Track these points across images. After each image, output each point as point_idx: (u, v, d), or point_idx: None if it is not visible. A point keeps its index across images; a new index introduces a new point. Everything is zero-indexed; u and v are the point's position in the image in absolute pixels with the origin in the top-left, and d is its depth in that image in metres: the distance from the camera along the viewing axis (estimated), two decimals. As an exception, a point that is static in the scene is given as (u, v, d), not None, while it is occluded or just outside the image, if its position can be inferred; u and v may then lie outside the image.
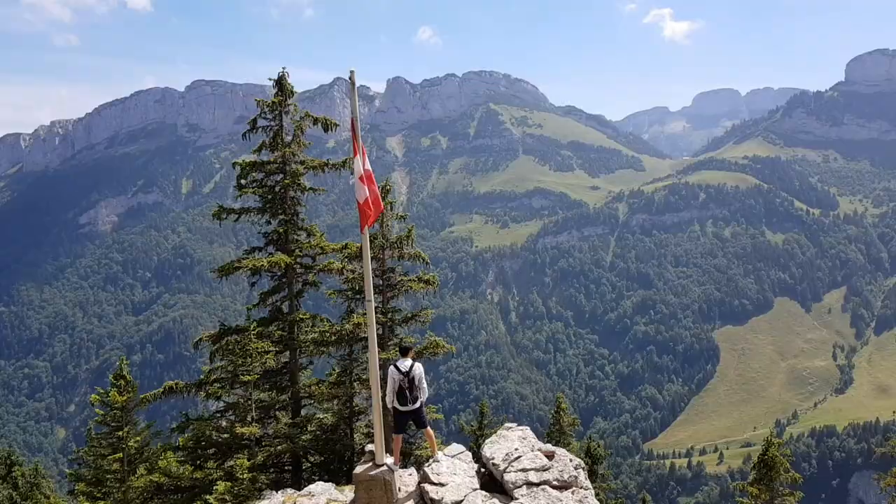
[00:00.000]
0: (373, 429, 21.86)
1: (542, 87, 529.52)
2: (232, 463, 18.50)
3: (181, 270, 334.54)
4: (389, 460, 13.09)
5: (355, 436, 21.86)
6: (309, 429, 21.06)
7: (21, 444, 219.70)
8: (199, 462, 20.27)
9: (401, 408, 13.23)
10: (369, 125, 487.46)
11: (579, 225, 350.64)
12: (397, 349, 14.61)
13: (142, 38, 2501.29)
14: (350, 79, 13.24)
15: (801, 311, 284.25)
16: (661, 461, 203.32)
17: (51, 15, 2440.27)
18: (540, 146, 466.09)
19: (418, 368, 13.24)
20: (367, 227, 12.99)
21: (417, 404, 13.28)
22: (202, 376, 21.36)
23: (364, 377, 21.72)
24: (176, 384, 21.03)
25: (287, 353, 22.16)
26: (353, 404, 21.96)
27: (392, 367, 13.20)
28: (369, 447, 13.50)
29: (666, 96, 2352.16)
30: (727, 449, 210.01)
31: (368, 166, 12.77)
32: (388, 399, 13.27)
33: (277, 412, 21.95)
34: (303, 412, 22.16)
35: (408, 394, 13.08)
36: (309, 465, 22.00)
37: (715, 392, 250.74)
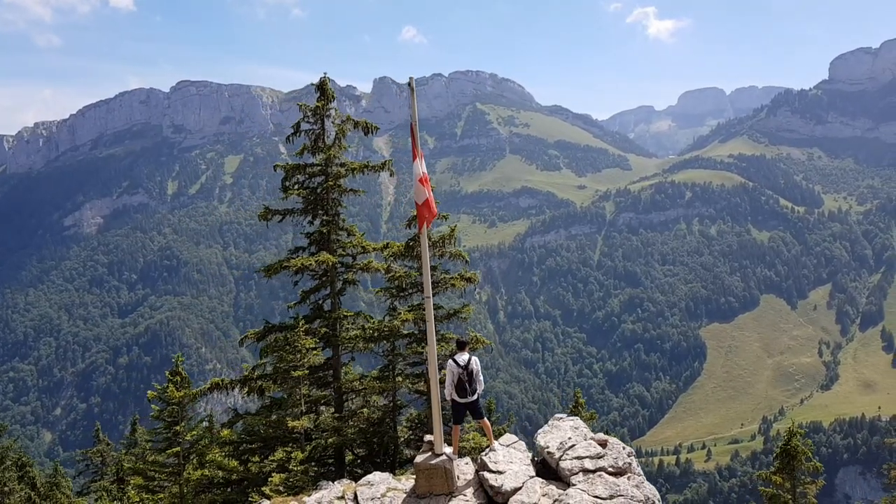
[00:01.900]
0: (415, 421, 22.42)
1: (528, 87, 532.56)
2: (282, 456, 19.09)
3: (167, 272, 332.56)
4: (448, 450, 13.54)
5: (398, 429, 22.48)
6: (354, 422, 21.66)
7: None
8: (244, 456, 20.82)
9: (460, 399, 13.79)
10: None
11: (566, 224, 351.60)
12: (455, 344, 15.04)
13: (125, 38, 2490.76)
14: (409, 85, 13.73)
15: (786, 308, 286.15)
16: (650, 459, 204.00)
17: (32, 15, 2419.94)
18: (527, 146, 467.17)
19: (475, 362, 13.86)
20: (424, 227, 13.92)
21: (475, 396, 13.83)
22: (246, 373, 21.93)
23: (407, 372, 22.59)
24: (221, 380, 21.52)
25: (329, 349, 22.92)
26: (396, 398, 22.49)
27: (451, 361, 13.78)
28: (428, 437, 14.01)
29: (651, 95, 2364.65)
30: (715, 446, 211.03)
31: (426, 170, 13.47)
32: (447, 391, 13.84)
33: (320, 407, 22.75)
34: (344, 406, 22.75)
35: (467, 386, 13.66)
36: (352, 457, 22.58)
37: (702, 389, 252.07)
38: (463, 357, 13.76)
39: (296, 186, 23.15)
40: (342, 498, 13.86)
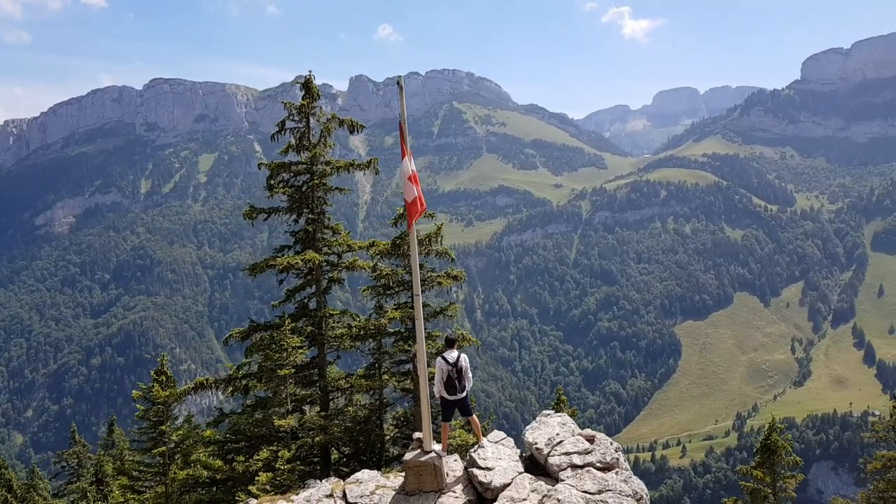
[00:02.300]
0: (401, 419, 22.61)
1: (505, 86, 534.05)
2: (268, 455, 19.16)
3: (141, 272, 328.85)
4: (437, 447, 13.60)
5: (385, 426, 22.62)
6: (340, 420, 21.73)
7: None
8: (229, 456, 20.88)
9: (449, 397, 13.86)
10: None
11: (543, 223, 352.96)
12: (443, 342, 15.13)
13: (97, 35, 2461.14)
14: (398, 84, 13.91)
15: (759, 305, 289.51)
16: (626, 455, 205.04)
17: (1, 11, 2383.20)
18: (503, 144, 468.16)
19: (464, 359, 13.97)
20: (414, 224, 13.91)
21: (464, 393, 13.93)
22: (231, 372, 21.97)
23: (393, 370, 22.74)
24: (206, 380, 21.52)
25: (314, 348, 22.97)
26: (383, 396, 22.57)
27: (440, 359, 13.83)
28: (417, 435, 14.01)
29: (627, 95, 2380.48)
30: (689, 442, 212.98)
31: (415, 168, 13.52)
32: (436, 389, 13.95)
33: (304, 405, 22.72)
34: (330, 405, 22.78)
35: (456, 383, 13.76)
36: (338, 455, 22.64)
37: (677, 386, 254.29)
38: (452, 354, 13.85)
39: (280, 185, 23.11)
40: (331, 496, 13.80)
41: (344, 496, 13.69)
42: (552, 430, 14.32)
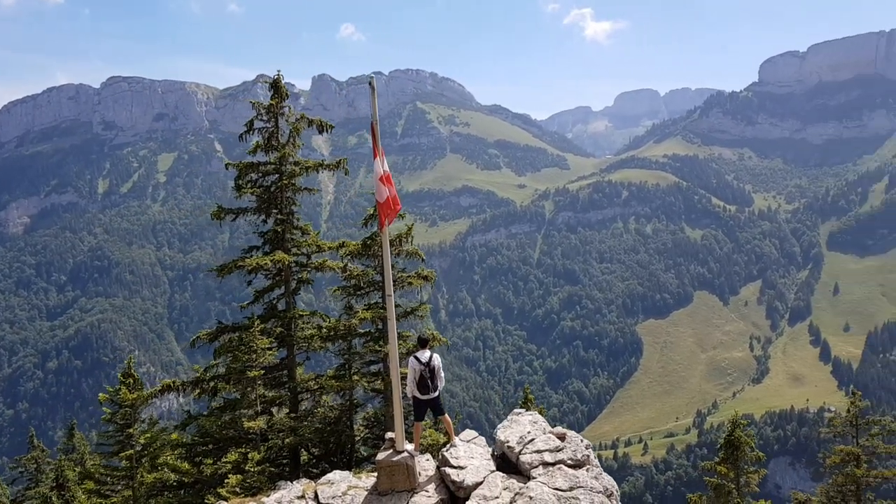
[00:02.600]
0: (371, 420, 22.61)
1: (468, 86, 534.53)
2: (235, 457, 19.04)
3: (98, 273, 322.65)
4: (409, 447, 13.62)
5: (355, 427, 22.63)
6: (310, 422, 21.64)
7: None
8: (197, 458, 20.66)
9: (421, 396, 13.94)
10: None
11: (507, 223, 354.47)
12: (415, 341, 15.27)
13: (53, 31, 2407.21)
14: (370, 84, 13.88)
15: (719, 304, 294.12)
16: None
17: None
18: (467, 145, 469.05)
19: (437, 359, 14.03)
20: (386, 225, 13.93)
21: (436, 393, 14.06)
22: (198, 374, 21.69)
23: (363, 371, 22.72)
24: (173, 382, 21.36)
25: (283, 349, 22.89)
26: (353, 397, 22.61)
27: (412, 359, 13.92)
28: (389, 435, 14.08)
29: (589, 96, 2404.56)
30: (651, 439, 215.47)
31: (387, 168, 13.53)
32: (408, 389, 14.07)
33: (273, 407, 22.63)
34: (299, 407, 22.69)
35: (429, 383, 13.87)
36: (308, 456, 22.53)
37: (639, 384, 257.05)
38: (424, 354, 13.88)
39: (249, 185, 22.92)
40: (302, 497, 13.74)
41: (316, 497, 13.62)
42: (523, 428, 14.43)
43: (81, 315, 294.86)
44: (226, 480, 17.52)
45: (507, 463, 13.86)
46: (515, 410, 15.52)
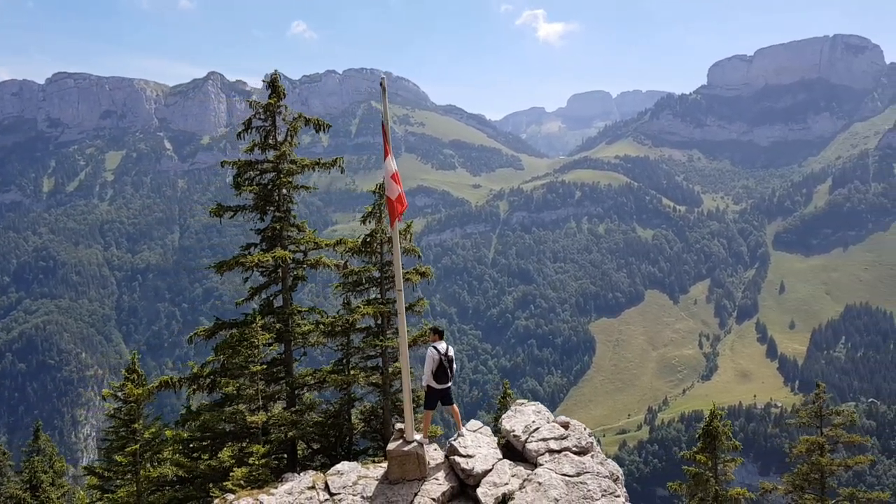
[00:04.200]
0: (369, 413, 23.21)
1: (423, 86, 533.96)
2: (235, 451, 19.50)
3: (43, 274, 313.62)
4: (418, 436, 14.16)
5: (354, 421, 23.23)
6: (311, 416, 22.17)
7: None
8: (195, 454, 21.06)
9: (438, 386, 14.47)
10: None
11: (462, 223, 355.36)
12: (431, 332, 15.60)
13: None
14: (381, 85, 14.42)
15: (669, 302, 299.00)
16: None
17: None
18: (422, 144, 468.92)
19: (452, 349, 14.69)
20: (397, 221, 14.68)
21: (450, 383, 14.61)
22: (196, 370, 21.98)
23: (361, 365, 23.31)
24: (171, 378, 21.57)
25: (280, 345, 23.23)
26: (351, 391, 23.09)
27: (431, 349, 14.52)
28: (398, 425, 14.65)
29: (542, 97, 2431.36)
30: (604, 436, 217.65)
31: (396, 166, 14.26)
32: (424, 379, 14.62)
33: (270, 402, 22.86)
34: (297, 401, 22.99)
35: (449, 373, 14.45)
36: (307, 450, 23.02)
37: (591, 382, 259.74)
38: (441, 345, 14.47)
39: (247, 183, 23.32)
40: (313, 488, 14.03)
41: (326, 487, 13.98)
42: (528, 417, 15.19)
43: (25, 317, 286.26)
44: (230, 474, 17.86)
45: (513, 451, 14.54)
46: (518, 401, 16.21)
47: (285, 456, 22.07)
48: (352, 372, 22.75)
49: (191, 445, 21.45)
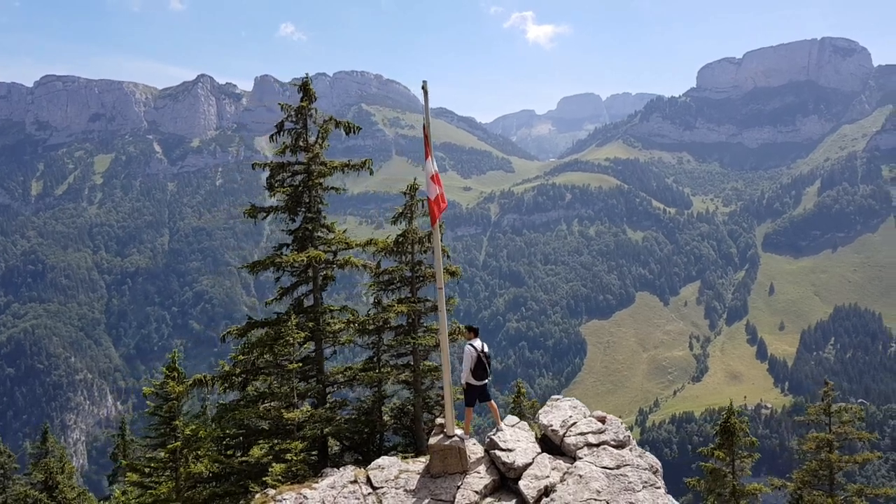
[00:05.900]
0: (399, 410, 23.99)
1: (413, 89, 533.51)
2: (271, 447, 20.34)
3: (32, 278, 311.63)
4: (459, 431, 14.63)
5: (384, 418, 23.80)
6: (342, 413, 22.85)
7: None
8: (229, 451, 21.83)
9: (476, 382, 14.85)
10: (236, 124, 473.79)
11: (453, 225, 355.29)
12: (467, 331, 15.86)
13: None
14: (423, 88, 14.71)
15: (659, 304, 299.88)
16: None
17: None
18: (413, 147, 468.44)
19: (486, 346, 15.04)
20: (437, 221, 15.17)
21: (488, 379, 15.03)
22: (228, 368, 22.46)
23: (392, 363, 24.00)
24: (204, 377, 22.08)
25: (311, 343, 23.64)
26: (382, 389, 23.71)
27: (469, 347, 14.89)
28: (439, 420, 15.19)
29: (532, 99, 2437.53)
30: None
31: (436, 167, 14.62)
32: (463, 376, 14.96)
33: (300, 400, 23.27)
34: (327, 399, 23.64)
35: (487, 369, 14.89)
36: (337, 446, 23.60)
37: (583, 384, 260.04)
38: (477, 342, 14.87)
39: (279, 184, 23.87)
40: (355, 482, 14.52)
41: (368, 481, 14.46)
42: (564, 412, 15.57)
43: (14, 321, 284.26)
44: (269, 469, 18.32)
45: (550, 445, 14.96)
46: (553, 397, 16.59)
47: (316, 452, 22.54)
48: (383, 369, 23.31)
49: (224, 442, 22.12)
